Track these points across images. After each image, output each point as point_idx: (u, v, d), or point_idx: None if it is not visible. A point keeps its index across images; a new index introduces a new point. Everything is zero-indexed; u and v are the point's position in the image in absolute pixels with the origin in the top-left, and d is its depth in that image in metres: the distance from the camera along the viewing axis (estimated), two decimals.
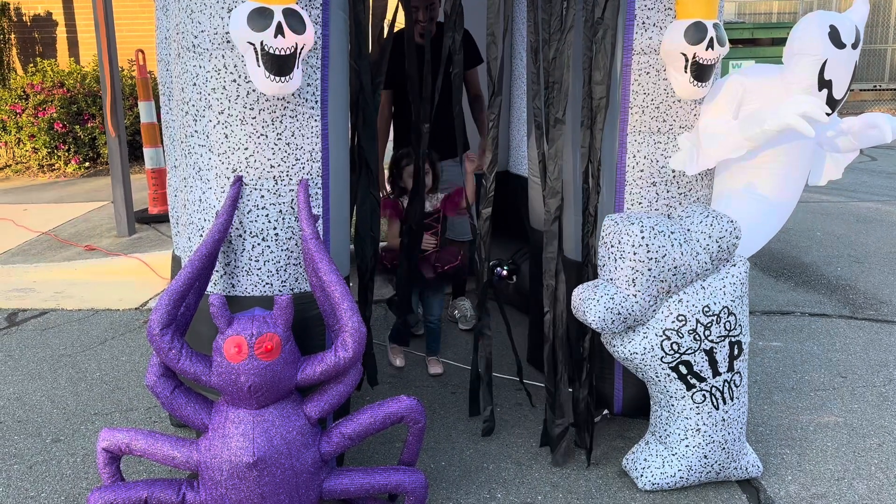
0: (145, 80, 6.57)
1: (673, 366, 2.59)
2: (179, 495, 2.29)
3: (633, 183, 2.79)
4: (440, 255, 3.56)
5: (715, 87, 2.69)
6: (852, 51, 2.45)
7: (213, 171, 2.50)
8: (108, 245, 5.84)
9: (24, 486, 2.80)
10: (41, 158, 9.02)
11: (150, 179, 6.55)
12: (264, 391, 2.23)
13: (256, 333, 2.20)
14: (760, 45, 9.92)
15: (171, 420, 3.08)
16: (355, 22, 2.70)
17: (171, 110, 2.77)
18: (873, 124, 2.58)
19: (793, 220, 6.23)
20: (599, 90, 2.73)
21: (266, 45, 2.23)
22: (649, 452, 2.73)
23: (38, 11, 9.88)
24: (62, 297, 4.84)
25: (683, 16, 2.59)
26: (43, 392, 3.55)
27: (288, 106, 2.45)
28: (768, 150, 2.63)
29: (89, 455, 2.97)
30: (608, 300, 2.53)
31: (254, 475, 2.20)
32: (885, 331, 4.13)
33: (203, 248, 2.35)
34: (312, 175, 2.53)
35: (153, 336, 2.23)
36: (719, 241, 2.59)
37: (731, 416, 2.66)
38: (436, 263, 3.52)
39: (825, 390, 3.47)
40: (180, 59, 2.52)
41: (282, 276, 2.53)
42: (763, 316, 4.36)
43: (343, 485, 2.40)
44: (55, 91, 8.78)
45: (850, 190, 7.62)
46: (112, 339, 4.15)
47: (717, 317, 2.60)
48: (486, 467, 2.85)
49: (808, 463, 2.88)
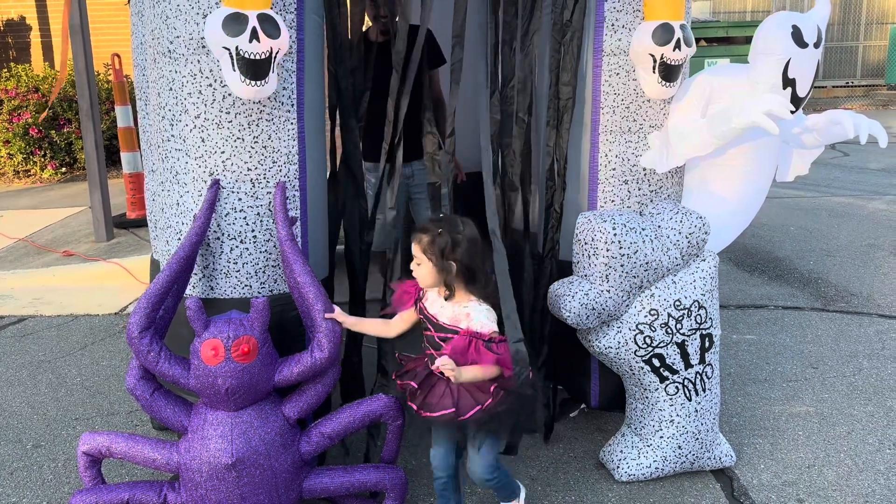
0: (122, 84, 6.54)
1: (646, 359, 2.64)
2: (161, 496, 2.30)
3: (606, 181, 2.83)
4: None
5: (683, 87, 2.73)
6: (814, 50, 2.50)
7: (190, 174, 2.51)
8: (86, 250, 5.81)
9: (5, 492, 2.80)
10: (16, 164, 8.95)
11: (128, 184, 6.53)
12: (242, 393, 2.24)
13: (233, 336, 2.20)
14: (735, 44, 10.01)
15: (153, 423, 3.09)
16: (331, 26, 2.72)
17: (147, 115, 2.77)
18: (837, 121, 2.64)
19: (767, 215, 6.37)
20: (566, 91, 2.78)
21: (241, 49, 2.25)
22: (625, 444, 2.78)
23: (12, 16, 9.80)
24: (41, 304, 4.82)
25: (651, 17, 2.63)
26: (23, 398, 3.54)
27: (264, 109, 2.47)
28: (735, 148, 2.68)
29: (70, 460, 2.97)
30: (583, 296, 2.57)
31: (233, 476, 2.22)
32: (856, 322, 4.21)
33: (181, 252, 2.36)
34: (289, 178, 2.55)
35: (132, 339, 2.24)
36: (689, 236, 2.64)
37: (703, 407, 2.72)
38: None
39: (797, 381, 3.53)
40: (156, 64, 2.53)
41: (260, 277, 2.55)
42: (737, 310, 4.42)
43: (323, 483, 2.41)
44: (30, 96, 8.71)
45: (823, 185, 7.74)
46: (92, 344, 4.14)
47: (687, 310, 2.65)
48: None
49: (780, 452, 2.94)
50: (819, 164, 2.91)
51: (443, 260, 2.21)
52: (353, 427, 2.43)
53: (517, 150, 2.86)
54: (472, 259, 2.23)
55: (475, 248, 2.25)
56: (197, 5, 2.38)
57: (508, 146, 2.88)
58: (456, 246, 2.21)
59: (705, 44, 10.06)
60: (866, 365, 3.68)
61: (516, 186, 2.87)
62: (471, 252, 2.23)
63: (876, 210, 6.77)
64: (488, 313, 2.25)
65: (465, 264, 2.22)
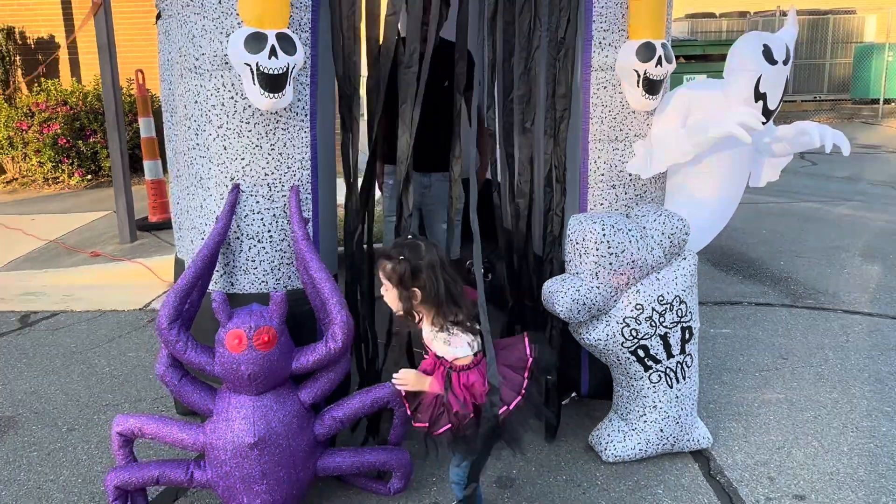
0: (144, 97, 6.56)
1: (632, 350, 2.67)
2: (188, 474, 2.33)
3: (596, 186, 2.85)
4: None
5: (665, 100, 2.75)
6: (783, 66, 2.53)
7: (212, 179, 2.54)
8: (111, 251, 5.83)
9: (43, 470, 2.82)
10: (46, 172, 8.95)
11: (150, 190, 6.55)
12: (262, 379, 2.26)
13: (255, 326, 2.23)
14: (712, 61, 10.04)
15: (178, 408, 3.11)
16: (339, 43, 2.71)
17: (173, 125, 2.80)
18: (804, 131, 2.68)
19: (741, 219, 6.38)
20: (562, 103, 2.80)
21: (261, 65, 2.28)
22: (612, 429, 2.80)
23: (42, 34, 9.80)
24: (71, 300, 4.83)
25: (635, 36, 2.66)
26: (57, 386, 3.56)
27: (280, 119, 2.50)
28: (712, 156, 2.71)
29: (102, 442, 2.99)
30: (574, 292, 2.59)
31: (255, 454, 2.25)
32: (822, 317, 4.24)
33: (204, 250, 2.39)
34: (303, 182, 2.58)
35: (162, 330, 2.27)
36: (671, 237, 2.67)
37: (683, 394, 2.75)
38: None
39: (768, 371, 3.56)
40: (182, 79, 2.56)
41: (276, 274, 2.58)
42: (714, 306, 4.45)
43: (335, 463, 2.44)
44: (59, 109, 8.72)
45: (793, 192, 7.76)
46: (119, 336, 4.16)
47: (670, 305, 2.68)
48: None
49: (753, 435, 2.97)
50: (789, 172, 2.93)
51: (402, 288, 2.05)
52: (362, 412, 2.46)
53: (524, 159, 2.86)
54: (434, 286, 2.02)
55: (435, 274, 2.02)
56: (221, 25, 2.41)
57: (512, 155, 2.88)
58: (417, 273, 2.02)
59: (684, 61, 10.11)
60: (831, 356, 3.71)
61: (525, 193, 2.88)
62: (432, 279, 2.01)
63: (841, 215, 6.80)
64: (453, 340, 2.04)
65: (427, 292, 2.02)
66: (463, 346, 2.03)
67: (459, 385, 2.02)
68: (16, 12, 9.72)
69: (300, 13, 2.46)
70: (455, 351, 2.04)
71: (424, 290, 2.02)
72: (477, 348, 2.07)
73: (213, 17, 2.42)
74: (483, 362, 2.07)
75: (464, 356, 2.04)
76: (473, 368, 2.04)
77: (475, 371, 2.04)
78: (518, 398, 2.09)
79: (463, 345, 2.03)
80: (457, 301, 2.04)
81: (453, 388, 2.02)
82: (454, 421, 2.03)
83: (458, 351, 2.04)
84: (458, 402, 2.01)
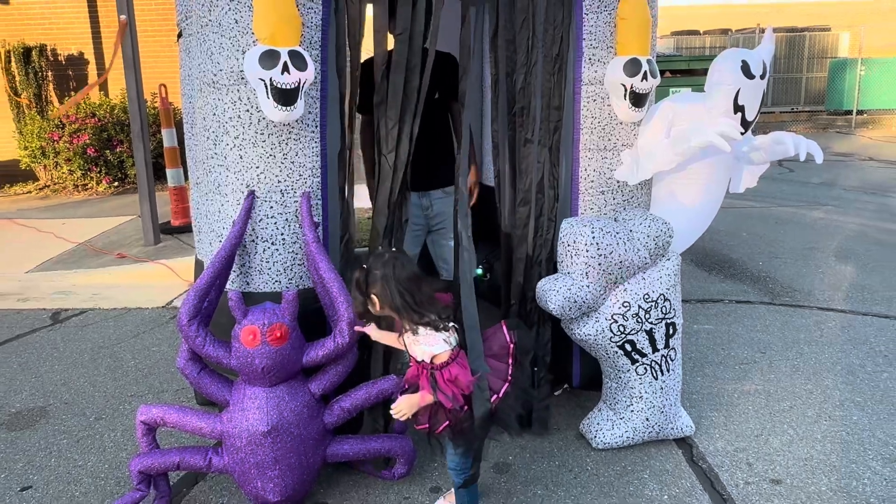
0: (167, 110, 6.58)
1: (620, 344, 2.67)
2: (206, 460, 2.34)
3: (586, 192, 2.86)
4: None
5: (650, 112, 2.76)
6: (760, 81, 2.53)
7: (229, 186, 2.55)
8: (136, 253, 5.85)
9: (72, 457, 2.83)
10: (76, 179, 8.99)
11: (172, 196, 6.57)
12: (275, 371, 2.27)
13: (268, 323, 2.23)
14: (695, 75, 10.05)
15: (197, 399, 3.11)
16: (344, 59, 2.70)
17: (193, 136, 2.80)
18: (780, 141, 2.68)
19: (722, 222, 6.39)
20: (555, 114, 2.80)
21: (274, 80, 2.29)
22: (601, 418, 2.80)
23: (72, 52, 9.83)
24: (99, 298, 4.84)
25: (622, 53, 2.67)
26: (85, 378, 3.57)
27: (292, 131, 2.51)
28: (694, 164, 2.71)
29: (127, 430, 3.00)
30: (566, 290, 2.59)
31: (268, 441, 2.25)
32: (798, 314, 4.24)
33: (222, 252, 2.39)
34: (313, 188, 2.58)
35: (182, 326, 2.27)
36: (656, 239, 2.67)
37: (667, 385, 2.75)
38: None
39: (747, 364, 3.56)
40: (202, 93, 2.57)
41: (288, 274, 2.58)
42: (697, 303, 4.45)
43: (343, 450, 2.44)
44: (88, 121, 8.75)
45: (771, 197, 7.76)
46: (143, 332, 4.17)
47: (655, 302, 2.68)
48: None
49: (733, 423, 2.97)
50: (767, 178, 2.93)
51: (361, 296, 2.04)
52: (368, 402, 2.46)
53: (527, 169, 2.85)
54: (388, 295, 1.98)
55: (389, 285, 1.98)
56: (237, 43, 2.42)
57: (515, 166, 2.87)
58: (373, 282, 2.00)
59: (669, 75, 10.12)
60: (806, 350, 3.71)
61: (528, 200, 2.87)
62: (386, 289, 1.98)
63: (816, 218, 6.79)
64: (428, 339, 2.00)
65: (382, 300, 2.00)
66: (439, 342, 2.00)
67: (445, 382, 2.00)
68: (48, 31, 9.74)
69: (311, 32, 2.47)
70: (432, 349, 2.01)
71: (380, 298, 2.00)
72: (454, 343, 2.04)
73: (230, 36, 2.42)
74: (461, 355, 2.05)
75: (441, 351, 2.01)
76: (453, 363, 2.01)
77: (455, 365, 2.01)
78: (506, 385, 2.10)
79: (438, 341, 2.00)
80: (418, 307, 1.99)
81: (440, 386, 2.00)
82: (450, 417, 2.03)
83: (434, 348, 2.00)
84: (449, 399, 1.99)
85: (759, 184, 3.00)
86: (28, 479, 2.67)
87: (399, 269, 2.00)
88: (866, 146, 12.09)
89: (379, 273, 2.00)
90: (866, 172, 9.40)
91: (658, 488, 2.52)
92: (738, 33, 17.30)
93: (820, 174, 9.14)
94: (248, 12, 2.39)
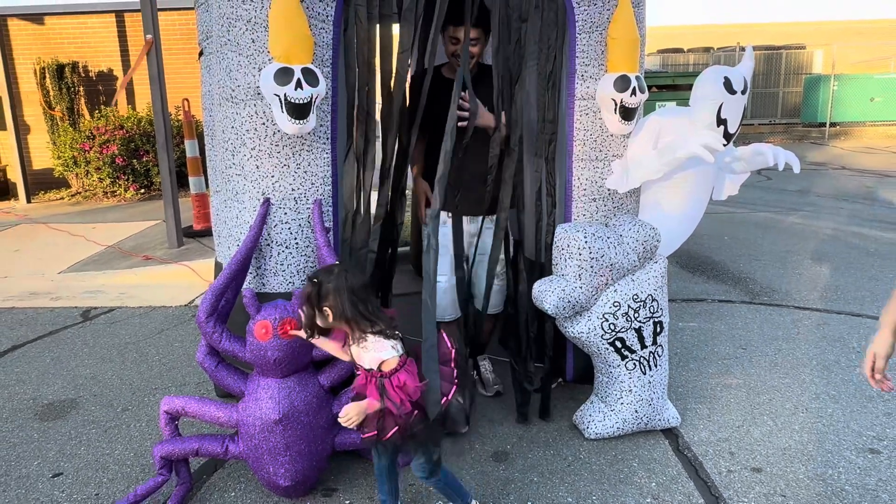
0: (189, 123, 6.58)
1: (610, 341, 2.66)
2: (223, 447, 2.33)
3: (579, 199, 2.84)
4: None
5: (639, 125, 2.75)
6: (741, 96, 2.52)
7: (246, 194, 2.54)
8: (161, 255, 5.84)
9: (100, 445, 2.83)
10: (105, 186, 9.00)
11: (194, 202, 6.56)
12: (286, 364, 2.25)
13: (279, 318, 2.21)
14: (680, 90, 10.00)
15: (216, 391, 3.11)
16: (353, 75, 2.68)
17: (213, 147, 2.80)
18: (760, 152, 2.67)
19: (706, 227, 6.38)
20: (550, 127, 2.79)
21: (288, 96, 2.29)
22: (593, 410, 2.79)
23: (102, 68, 9.84)
24: (126, 297, 4.85)
25: (613, 70, 2.66)
26: (113, 372, 3.56)
27: (305, 142, 2.51)
28: (680, 173, 2.70)
29: (152, 421, 3.00)
30: (560, 291, 2.59)
31: (279, 429, 2.24)
32: (777, 313, 4.22)
33: (239, 255, 2.39)
34: (325, 196, 2.58)
35: (201, 322, 2.27)
36: (644, 243, 2.66)
37: (655, 379, 2.73)
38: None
39: (729, 359, 3.54)
40: (221, 107, 2.57)
41: (302, 276, 2.57)
42: (682, 303, 4.44)
43: (351, 439, 2.42)
44: (116, 132, 8.76)
45: (751, 203, 7.74)
46: (167, 329, 4.17)
47: (643, 302, 2.67)
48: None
49: (716, 415, 2.95)
50: (747, 186, 2.92)
51: (312, 309, 1.97)
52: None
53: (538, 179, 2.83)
54: (340, 306, 1.92)
55: (341, 296, 1.92)
56: (254, 61, 2.42)
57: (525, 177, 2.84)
58: (325, 295, 1.93)
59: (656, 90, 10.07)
60: (785, 346, 3.69)
61: (531, 209, 2.85)
62: (338, 301, 1.92)
63: (793, 223, 6.77)
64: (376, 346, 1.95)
65: (335, 311, 1.93)
66: (387, 349, 1.95)
67: (393, 388, 1.94)
68: (80, 49, 9.76)
69: (322, 51, 2.46)
70: (381, 355, 1.95)
71: (333, 310, 1.93)
72: (401, 350, 1.99)
73: (247, 55, 2.42)
74: (409, 362, 2.00)
75: (389, 357, 1.94)
76: (401, 370, 1.95)
77: (403, 372, 1.94)
78: (453, 388, 2.05)
79: (387, 348, 1.95)
80: (369, 317, 1.94)
81: (388, 393, 1.92)
82: (398, 422, 1.96)
83: (383, 354, 1.94)
84: (396, 406, 1.93)
85: (740, 191, 2.99)
86: (59, 466, 2.67)
87: (351, 280, 1.95)
88: (839, 156, 12.06)
89: (332, 285, 1.93)
90: (839, 180, 9.38)
91: (646, 475, 2.51)
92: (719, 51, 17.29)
93: (796, 182, 9.12)
94: (264, 32, 2.39)
